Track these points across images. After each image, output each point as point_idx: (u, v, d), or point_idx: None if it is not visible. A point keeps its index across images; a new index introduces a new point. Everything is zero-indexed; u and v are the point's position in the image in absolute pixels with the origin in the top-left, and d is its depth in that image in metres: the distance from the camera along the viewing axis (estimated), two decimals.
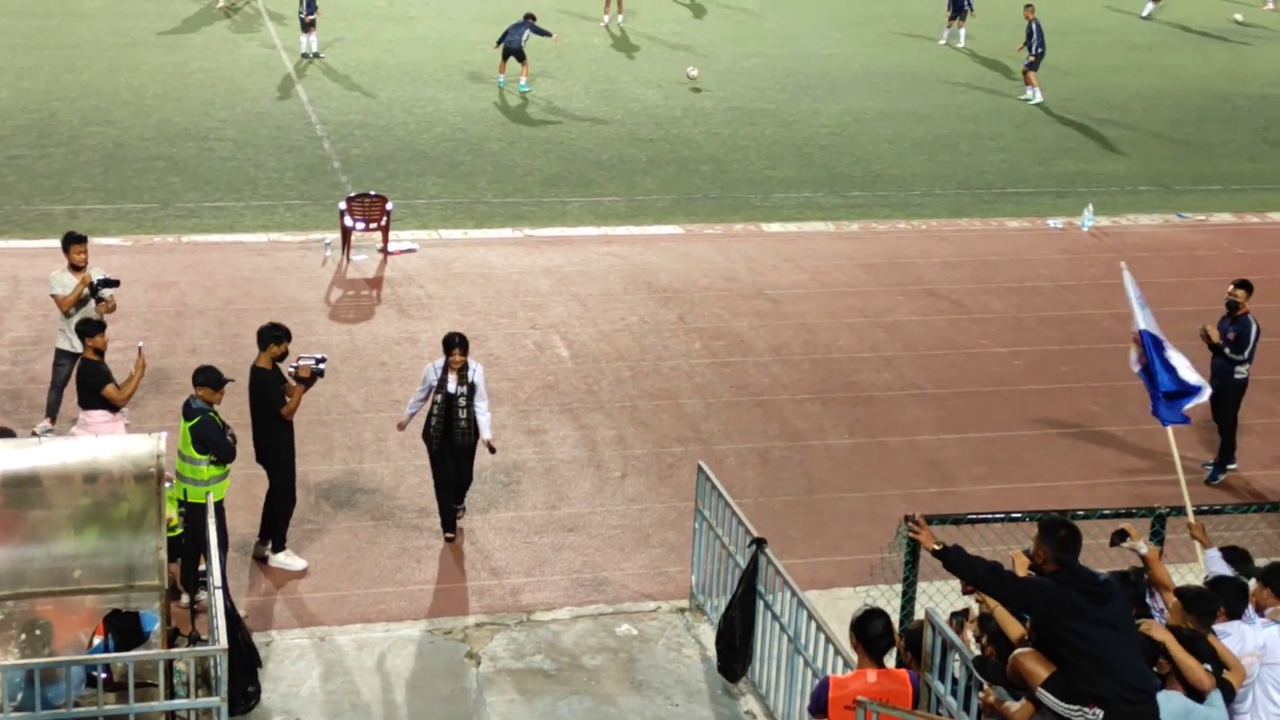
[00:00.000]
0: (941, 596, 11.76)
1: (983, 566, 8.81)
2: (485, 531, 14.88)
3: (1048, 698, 8.45)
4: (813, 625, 11.07)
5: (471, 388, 14.37)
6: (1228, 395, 16.36)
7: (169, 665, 10.28)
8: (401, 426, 14.80)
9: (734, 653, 12.24)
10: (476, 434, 14.45)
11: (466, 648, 12.92)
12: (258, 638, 12.53)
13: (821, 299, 21.37)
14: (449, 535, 14.58)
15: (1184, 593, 9.63)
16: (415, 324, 19.76)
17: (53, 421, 15.95)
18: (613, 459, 16.54)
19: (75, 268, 15.86)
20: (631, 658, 12.87)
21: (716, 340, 19.77)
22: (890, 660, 9.78)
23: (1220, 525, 13.01)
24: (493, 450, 14.73)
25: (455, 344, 14.37)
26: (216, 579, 10.39)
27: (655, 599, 13.84)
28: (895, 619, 11.61)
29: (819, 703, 9.45)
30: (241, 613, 12.44)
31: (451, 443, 14.40)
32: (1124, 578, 10.26)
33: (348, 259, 21.73)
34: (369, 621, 13.27)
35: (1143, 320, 12.57)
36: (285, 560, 14.00)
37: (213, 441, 12.79)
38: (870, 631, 9.36)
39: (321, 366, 13.91)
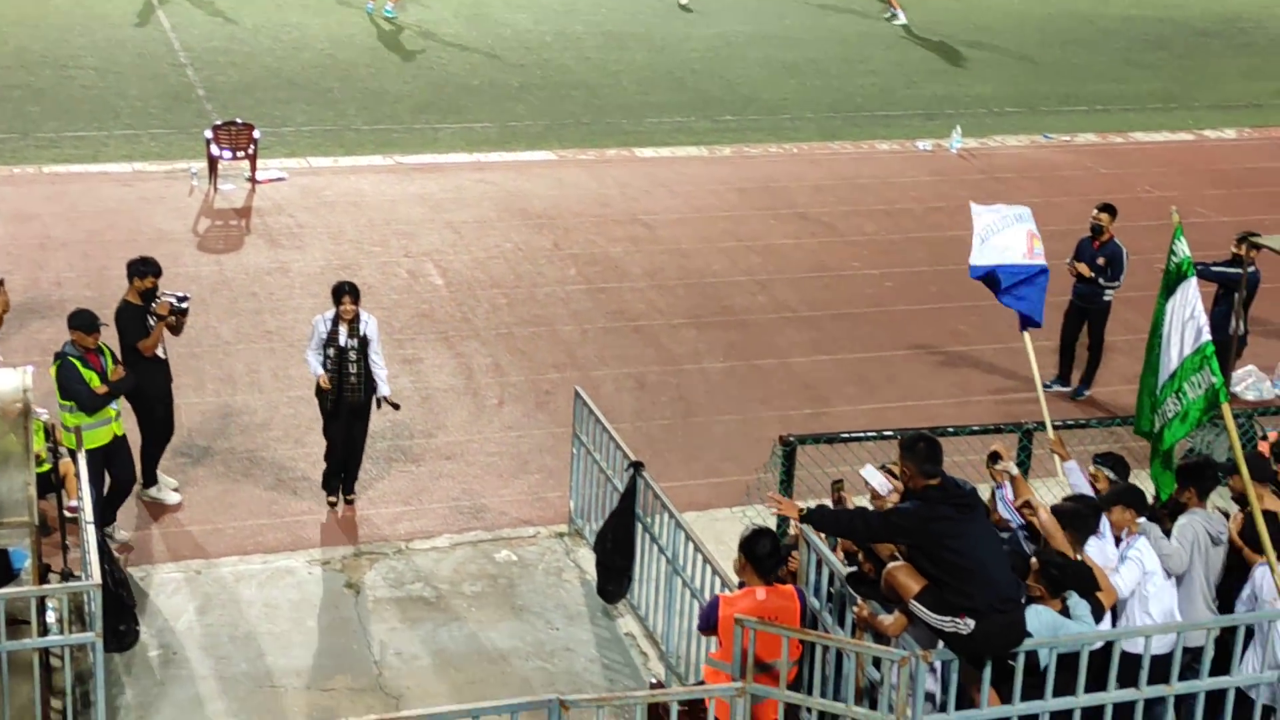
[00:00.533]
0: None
1: (847, 518, 8.92)
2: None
3: (920, 610, 8.61)
4: (690, 546, 11.18)
5: (364, 341, 13.44)
6: (1094, 317, 16.72)
7: (40, 602, 10.14)
8: (324, 382, 13.50)
9: (612, 575, 12.34)
10: (371, 391, 13.75)
11: (345, 577, 12.89)
12: (134, 572, 12.41)
13: (695, 224, 21.42)
14: (330, 500, 13.95)
15: (1061, 511, 9.81)
16: (286, 253, 19.50)
17: None
18: (489, 386, 16.51)
19: None
20: (511, 583, 12.93)
21: (591, 266, 19.76)
22: None
23: (1085, 440, 13.31)
24: (396, 407, 14.10)
25: (345, 292, 13.38)
26: (88, 514, 10.24)
27: (534, 525, 13.89)
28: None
29: (709, 621, 9.56)
30: (115, 544, 12.32)
31: (342, 401, 13.65)
32: None
33: (215, 189, 21.35)
34: (246, 554, 13.17)
35: (981, 255, 12.13)
36: (157, 494, 13.82)
37: (71, 389, 12.46)
38: (758, 550, 9.43)
39: (185, 305, 13.60)
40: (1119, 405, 16.42)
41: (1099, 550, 9.86)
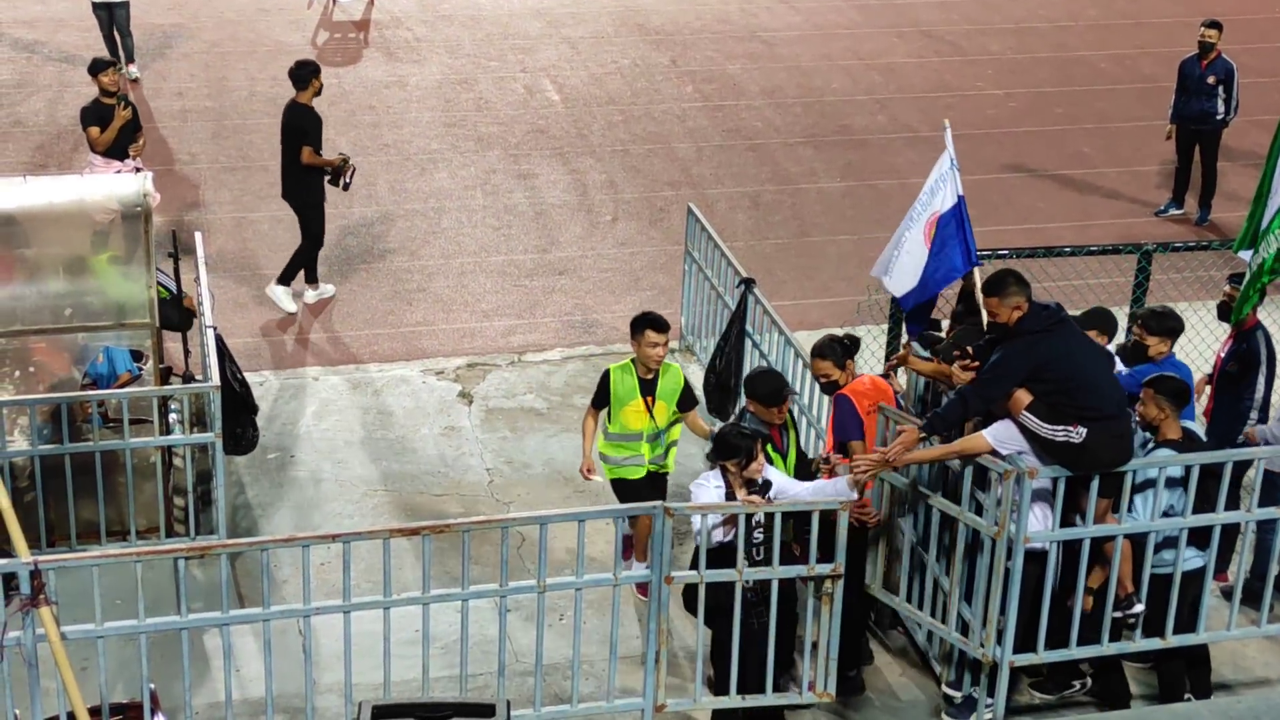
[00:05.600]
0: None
1: (958, 407, 8.65)
2: (476, 275, 14.92)
3: (1032, 421, 8.52)
4: (800, 364, 11.16)
5: None
6: (1206, 139, 16.25)
7: (163, 403, 10.41)
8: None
9: (724, 393, 12.37)
10: None
11: (459, 387, 13.07)
12: (252, 378, 12.67)
13: (815, 41, 21.04)
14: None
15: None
16: (403, 67, 19.48)
17: None
18: (603, 203, 16.49)
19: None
20: None
21: (709, 84, 19.53)
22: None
23: (1201, 263, 13.06)
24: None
25: None
26: (208, 318, 10.45)
27: None
28: (881, 359, 11.78)
29: (851, 422, 9.32)
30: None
31: None
32: None
33: (334, 1, 21.31)
34: (361, 363, 13.40)
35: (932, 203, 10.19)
36: (278, 296, 14.02)
37: None
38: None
39: (349, 180, 13.92)
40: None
41: None
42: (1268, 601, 9.64)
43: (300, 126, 13.67)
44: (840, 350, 9.56)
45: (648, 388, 10.17)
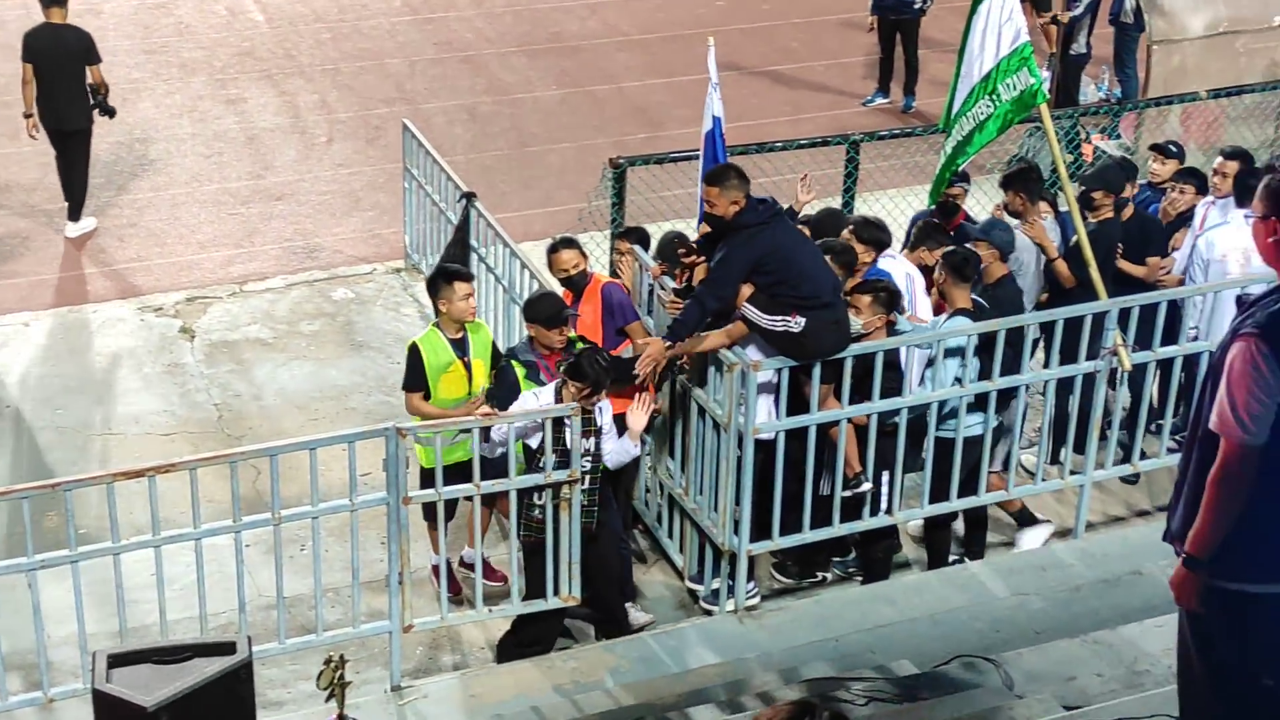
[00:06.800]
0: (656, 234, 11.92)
1: (695, 313, 8.70)
2: (189, 205, 14.49)
3: (752, 312, 8.69)
4: (526, 274, 11.16)
5: None
6: (906, 27, 16.73)
7: None
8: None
9: None
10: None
11: (179, 323, 12.72)
12: None
13: None
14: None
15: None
16: None
17: None
18: (317, 124, 16.16)
19: None
20: (349, 320, 12.87)
21: None
22: None
23: (910, 149, 13.45)
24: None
25: None
26: None
27: (370, 261, 13.78)
28: (605, 265, 11.84)
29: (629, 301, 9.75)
30: None
31: None
32: None
33: None
34: (75, 304, 12.92)
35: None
36: (83, 227, 13.82)
37: None
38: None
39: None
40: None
41: None
42: (1043, 456, 9.92)
43: (86, 46, 13.47)
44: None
45: (460, 347, 9.24)
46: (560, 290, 9.85)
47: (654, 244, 10.31)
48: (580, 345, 9.12)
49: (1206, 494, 5.25)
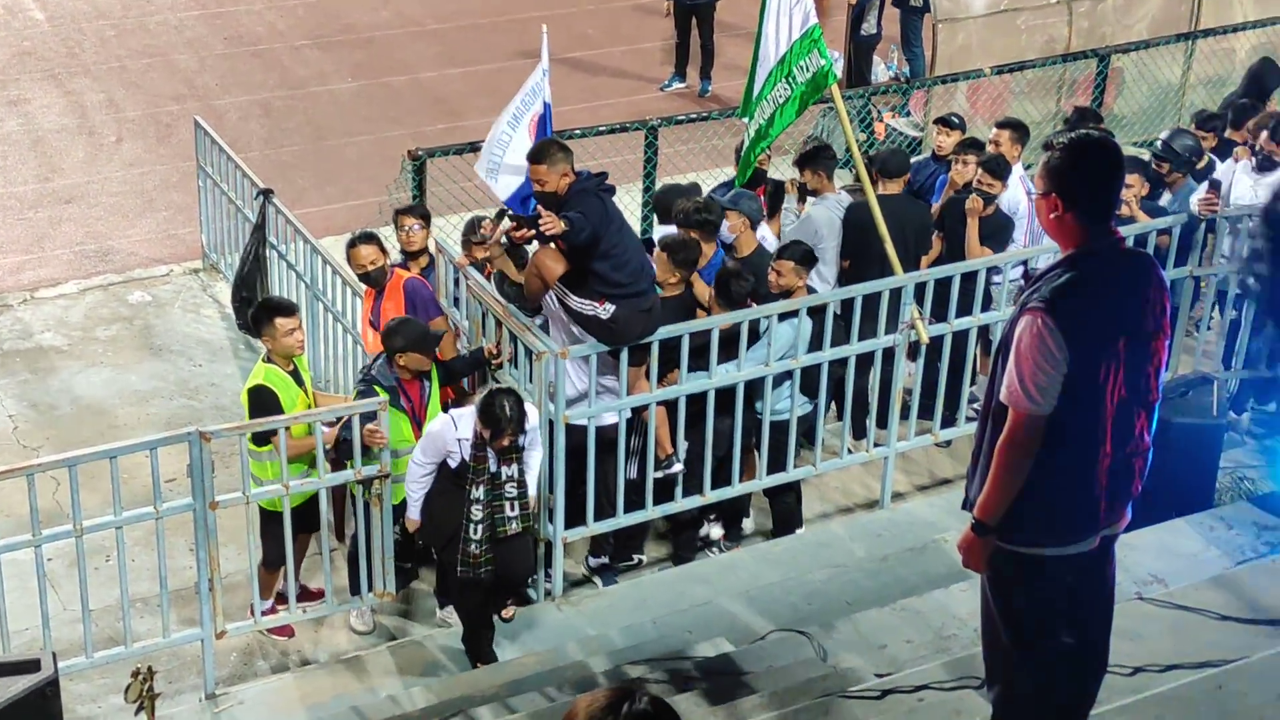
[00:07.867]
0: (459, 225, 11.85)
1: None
2: None
3: (564, 293, 8.64)
4: (328, 270, 11.03)
5: None
6: (701, 12, 16.90)
7: None
8: None
9: (250, 306, 12.10)
10: None
11: None
12: None
13: None
14: None
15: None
16: None
17: None
18: (106, 124, 15.76)
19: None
20: (147, 324, 12.58)
21: None
22: None
23: (708, 133, 13.58)
24: None
25: None
26: None
27: (166, 263, 13.49)
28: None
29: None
30: None
31: None
32: None
33: None
34: None
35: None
36: None
37: None
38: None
39: None
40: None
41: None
42: (845, 431, 10.10)
43: None
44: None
45: (297, 379, 8.87)
46: (362, 288, 9.78)
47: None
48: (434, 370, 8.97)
49: (995, 461, 5.40)
